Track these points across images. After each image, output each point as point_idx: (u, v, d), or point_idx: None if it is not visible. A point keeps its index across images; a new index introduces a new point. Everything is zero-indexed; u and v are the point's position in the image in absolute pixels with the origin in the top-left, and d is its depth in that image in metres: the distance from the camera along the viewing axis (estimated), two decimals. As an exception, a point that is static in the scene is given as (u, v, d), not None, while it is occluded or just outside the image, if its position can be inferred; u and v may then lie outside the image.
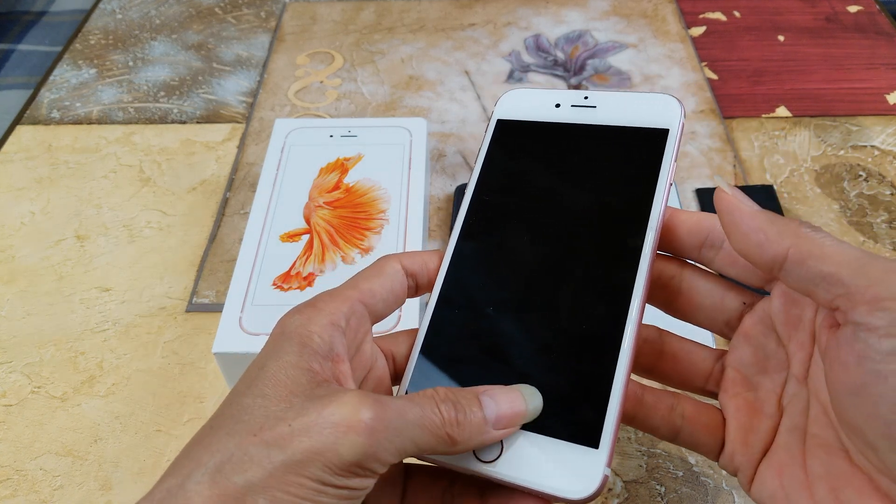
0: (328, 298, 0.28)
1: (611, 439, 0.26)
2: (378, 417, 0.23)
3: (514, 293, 0.30)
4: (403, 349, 0.30)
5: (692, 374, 0.30)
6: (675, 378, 0.31)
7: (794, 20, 0.74)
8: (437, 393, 0.25)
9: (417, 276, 0.31)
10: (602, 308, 0.28)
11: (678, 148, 0.30)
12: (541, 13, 0.76)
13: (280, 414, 0.23)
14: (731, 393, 0.29)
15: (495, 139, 0.33)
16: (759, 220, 0.25)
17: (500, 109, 0.34)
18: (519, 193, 0.32)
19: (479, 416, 0.25)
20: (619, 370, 0.27)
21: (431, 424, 0.24)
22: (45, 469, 0.42)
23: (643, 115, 0.31)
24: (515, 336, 0.29)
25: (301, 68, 0.70)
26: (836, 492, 0.25)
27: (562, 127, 0.32)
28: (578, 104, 0.32)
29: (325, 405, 0.23)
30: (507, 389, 0.26)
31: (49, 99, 0.68)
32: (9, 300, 0.51)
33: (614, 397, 0.26)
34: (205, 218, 0.56)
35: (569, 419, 0.27)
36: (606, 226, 0.29)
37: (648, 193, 0.29)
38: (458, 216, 0.32)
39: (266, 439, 0.23)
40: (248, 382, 0.25)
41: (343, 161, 0.52)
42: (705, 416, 0.29)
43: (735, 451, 0.28)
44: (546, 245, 0.30)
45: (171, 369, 0.47)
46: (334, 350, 0.26)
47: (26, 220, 0.57)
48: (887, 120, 0.62)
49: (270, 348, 0.26)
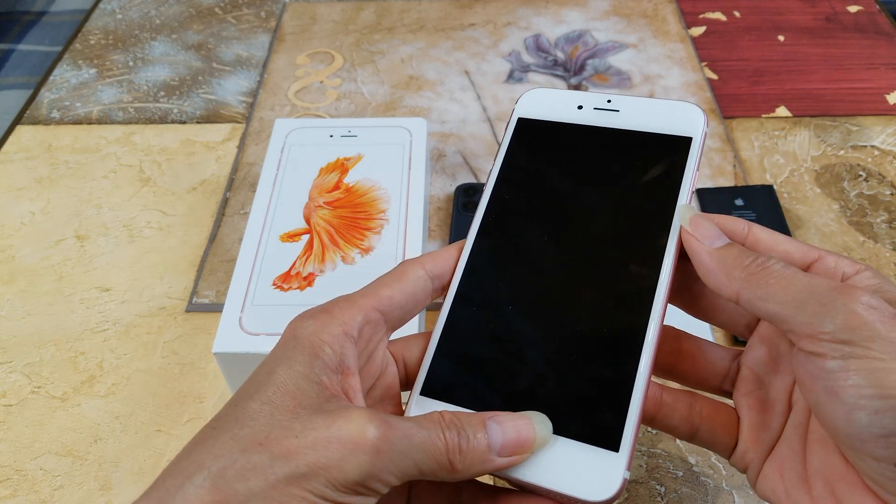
0: (344, 305, 0.27)
1: (631, 442, 0.26)
2: (384, 438, 0.23)
3: (533, 296, 0.29)
4: (416, 353, 0.30)
5: (710, 373, 0.31)
6: (692, 377, 0.31)
7: (795, 20, 0.74)
8: (442, 417, 0.25)
9: (442, 277, 0.30)
10: (624, 311, 0.28)
11: (700, 156, 0.30)
12: (541, 13, 0.76)
13: (287, 424, 0.23)
14: (745, 391, 0.29)
15: (516, 137, 0.33)
16: (713, 262, 0.27)
17: (522, 107, 0.34)
18: (539, 194, 0.31)
19: (484, 443, 0.25)
20: (641, 373, 0.26)
21: (435, 450, 0.24)
22: (45, 469, 0.42)
23: (666, 122, 0.31)
24: (534, 339, 0.28)
25: (301, 68, 0.70)
26: (831, 486, 0.25)
27: (584, 129, 0.32)
28: (601, 107, 0.32)
29: (333, 420, 0.23)
30: (517, 416, 0.26)
31: (49, 99, 0.68)
32: (9, 300, 0.51)
33: (635, 400, 0.26)
34: (205, 218, 0.56)
35: (589, 422, 0.26)
36: (629, 230, 0.29)
37: (671, 200, 0.29)
38: (476, 214, 0.32)
39: (271, 449, 0.23)
40: (256, 386, 0.25)
41: (343, 161, 0.52)
42: (722, 415, 0.29)
43: (747, 448, 0.29)
44: (566, 248, 0.30)
45: (171, 369, 0.47)
46: (344, 363, 0.26)
47: (26, 220, 0.57)
48: (887, 120, 0.62)
49: (281, 353, 0.26)
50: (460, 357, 0.29)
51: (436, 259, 0.30)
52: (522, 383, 0.28)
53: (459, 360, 0.29)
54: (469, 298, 0.30)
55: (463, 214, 0.54)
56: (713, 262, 0.27)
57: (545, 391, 0.27)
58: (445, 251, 0.31)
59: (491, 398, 0.28)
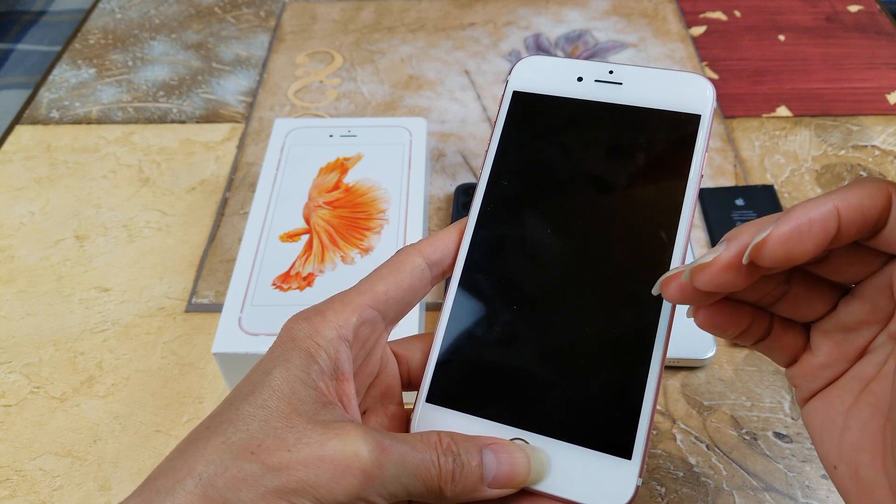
0: (339, 307, 0.27)
1: (643, 449, 0.25)
2: (377, 462, 0.23)
3: (539, 295, 0.28)
4: (418, 355, 0.30)
5: (808, 311, 0.28)
6: (790, 312, 0.28)
7: (795, 20, 0.74)
8: (440, 441, 0.25)
9: (441, 263, 0.29)
10: (633, 313, 0.27)
11: (709, 135, 0.28)
12: (541, 13, 0.76)
13: (281, 434, 0.23)
14: (825, 329, 0.27)
15: (511, 115, 0.31)
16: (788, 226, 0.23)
17: (516, 78, 0.31)
18: (538, 180, 0.30)
19: (477, 474, 0.25)
20: (652, 376, 0.26)
21: (427, 476, 0.24)
22: (45, 469, 0.42)
23: (672, 97, 0.29)
24: (541, 341, 0.27)
25: (301, 68, 0.70)
26: (857, 450, 0.25)
27: (585, 104, 0.30)
28: (603, 79, 0.30)
29: (327, 438, 0.23)
30: (515, 449, 0.26)
31: (48, 99, 0.68)
32: (8, 300, 0.51)
33: (647, 404, 0.26)
34: (204, 218, 0.56)
35: (601, 429, 0.26)
36: (636, 222, 0.28)
37: (679, 187, 0.27)
38: (472, 203, 0.30)
39: (263, 460, 0.23)
40: (252, 387, 0.25)
41: (343, 161, 0.52)
42: (791, 333, 0.28)
43: (804, 375, 0.27)
44: (570, 242, 0.28)
45: (171, 370, 0.47)
46: (339, 368, 0.26)
47: (25, 220, 0.57)
48: (888, 120, 0.62)
49: (278, 353, 0.26)
50: (465, 361, 0.28)
51: (434, 244, 0.29)
52: (530, 390, 0.27)
53: (465, 365, 0.28)
54: (471, 298, 0.29)
55: (463, 214, 0.54)
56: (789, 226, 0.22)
57: (554, 397, 0.27)
58: (445, 234, 0.30)
59: (498, 406, 0.27)
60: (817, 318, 0.28)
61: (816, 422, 0.27)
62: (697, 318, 0.26)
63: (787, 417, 0.43)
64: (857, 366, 0.27)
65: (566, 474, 0.25)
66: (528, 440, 0.26)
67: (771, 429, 0.43)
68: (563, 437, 0.26)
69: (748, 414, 0.43)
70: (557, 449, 0.26)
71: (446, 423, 0.27)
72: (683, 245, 0.27)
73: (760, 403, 0.44)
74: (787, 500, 0.40)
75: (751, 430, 0.43)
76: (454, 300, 0.29)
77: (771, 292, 0.27)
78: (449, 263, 0.29)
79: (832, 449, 0.26)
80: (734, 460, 0.41)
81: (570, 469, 0.25)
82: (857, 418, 0.26)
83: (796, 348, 0.28)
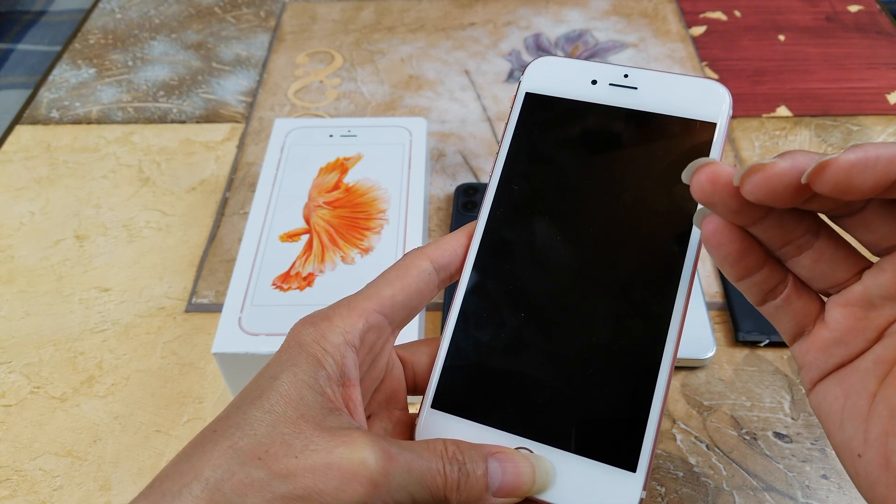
0: (345, 312, 0.27)
1: (648, 462, 0.25)
2: (383, 471, 0.23)
3: (546, 303, 0.28)
4: (424, 359, 0.30)
5: (829, 275, 0.27)
6: (810, 271, 0.27)
7: (795, 20, 0.74)
8: (445, 450, 0.25)
9: (448, 267, 0.29)
10: (642, 322, 0.26)
11: (724, 144, 0.28)
12: (541, 13, 0.76)
13: (288, 440, 0.23)
14: (845, 301, 0.26)
15: (523, 117, 0.30)
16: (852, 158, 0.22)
17: (529, 80, 0.31)
18: (550, 185, 0.29)
19: (482, 483, 0.25)
20: (659, 390, 0.26)
21: (433, 485, 0.24)
22: (45, 469, 0.42)
23: (687, 104, 0.28)
24: (548, 350, 0.27)
25: (301, 68, 0.70)
26: (888, 436, 0.24)
27: (599, 108, 0.29)
28: (617, 83, 0.29)
29: (335, 445, 0.23)
30: (520, 459, 0.26)
31: (48, 99, 0.68)
32: (8, 300, 0.51)
33: (653, 417, 0.25)
34: (204, 218, 0.56)
35: (606, 440, 0.26)
36: (646, 230, 0.27)
37: (691, 196, 0.26)
38: (481, 206, 0.30)
39: (270, 466, 0.23)
40: (260, 391, 0.25)
41: (343, 161, 0.52)
42: (805, 299, 0.27)
43: (814, 351, 0.26)
44: (580, 249, 0.28)
45: (171, 370, 0.47)
46: (346, 374, 0.26)
47: (25, 220, 0.57)
48: (888, 120, 0.62)
49: (285, 358, 0.26)
50: (471, 368, 0.28)
51: (442, 248, 0.29)
52: (536, 398, 0.27)
53: (470, 372, 0.28)
54: (479, 303, 0.29)
55: (463, 214, 0.54)
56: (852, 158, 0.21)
57: (560, 407, 0.26)
58: (453, 238, 0.30)
59: (504, 414, 0.27)
60: (835, 287, 0.26)
61: (833, 407, 0.26)
62: (708, 226, 0.25)
63: (787, 417, 0.43)
64: (877, 347, 0.26)
65: (570, 485, 0.25)
66: (532, 449, 0.26)
67: (771, 429, 0.43)
68: (568, 447, 0.26)
69: (748, 414, 0.43)
70: (562, 459, 0.26)
71: (451, 430, 0.27)
72: (694, 255, 0.27)
73: (760, 403, 0.44)
74: (787, 500, 0.40)
75: (751, 430, 0.43)
76: (461, 305, 0.29)
77: (797, 240, 0.25)
78: (457, 267, 0.29)
79: (856, 436, 0.25)
80: (734, 460, 0.41)
81: (574, 480, 0.25)
82: (886, 403, 0.24)
83: (807, 318, 0.27)
